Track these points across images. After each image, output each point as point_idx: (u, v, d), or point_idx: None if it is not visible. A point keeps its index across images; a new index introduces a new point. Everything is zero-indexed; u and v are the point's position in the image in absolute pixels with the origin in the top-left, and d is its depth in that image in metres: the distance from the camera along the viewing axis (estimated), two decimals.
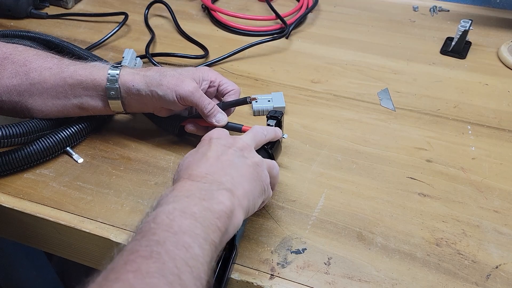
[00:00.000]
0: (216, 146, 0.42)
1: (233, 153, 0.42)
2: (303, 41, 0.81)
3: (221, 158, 0.41)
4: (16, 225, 0.53)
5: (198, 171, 0.40)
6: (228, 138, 0.44)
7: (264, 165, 0.44)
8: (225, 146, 0.43)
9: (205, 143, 0.44)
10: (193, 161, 0.41)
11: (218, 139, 0.44)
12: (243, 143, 0.44)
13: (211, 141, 0.43)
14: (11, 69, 0.52)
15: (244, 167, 0.41)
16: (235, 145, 0.43)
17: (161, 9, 0.88)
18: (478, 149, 0.59)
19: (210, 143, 0.43)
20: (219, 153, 0.42)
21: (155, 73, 0.52)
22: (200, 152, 0.42)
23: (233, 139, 0.44)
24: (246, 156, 0.43)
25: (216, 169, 0.40)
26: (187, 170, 0.41)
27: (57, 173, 0.54)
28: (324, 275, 0.44)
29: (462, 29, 0.74)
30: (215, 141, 0.43)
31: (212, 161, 0.41)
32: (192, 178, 0.39)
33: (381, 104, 0.67)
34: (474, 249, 0.47)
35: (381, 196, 0.52)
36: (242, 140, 0.44)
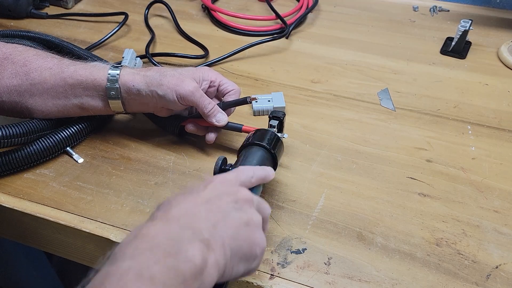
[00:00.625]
0: (213, 189, 0.37)
1: (229, 202, 0.36)
2: (303, 41, 0.81)
3: (211, 202, 0.36)
4: (16, 225, 0.53)
5: (177, 209, 0.34)
6: (231, 187, 0.38)
7: (261, 229, 0.37)
8: (224, 193, 0.37)
9: (203, 183, 0.38)
10: (179, 197, 0.36)
11: (221, 183, 0.38)
12: (247, 196, 0.38)
13: (210, 183, 0.38)
14: (11, 70, 0.52)
15: (234, 220, 0.35)
16: (235, 195, 0.37)
17: (161, 9, 0.88)
18: (478, 149, 0.59)
19: (208, 184, 0.38)
20: (212, 196, 0.36)
21: (155, 73, 0.52)
22: (193, 189, 0.37)
23: (237, 189, 0.38)
24: (244, 210, 0.37)
25: (199, 212, 0.35)
26: (167, 206, 0.35)
27: (57, 173, 0.54)
28: (324, 275, 0.44)
29: (462, 29, 0.74)
30: (215, 184, 0.38)
31: (199, 201, 0.35)
32: (166, 219, 0.34)
33: (381, 104, 0.67)
34: (474, 249, 0.47)
35: (381, 196, 0.52)
36: (246, 193, 0.38)
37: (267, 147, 0.48)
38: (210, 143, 0.56)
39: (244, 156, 0.48)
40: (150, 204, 0.51)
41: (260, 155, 0.47)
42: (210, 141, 0.56)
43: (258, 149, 0.48)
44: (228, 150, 0.58)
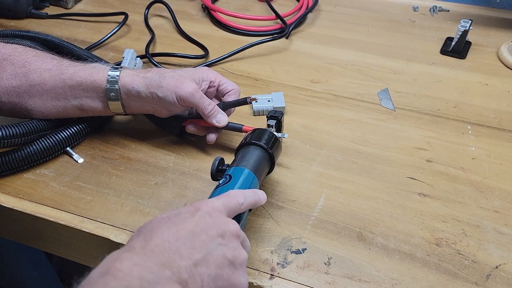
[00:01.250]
0: (200, 220, 0.35)
1: (215, 236, 0.34)
2: (303, 41, 0.81)
3: (196, 236, 0.33)
4: (16, 225, 0.53)
5: (158, 240, 0.32)
6: (219, 218, 0.36)
7: (244, 269, 0.36)
8: (210, 226, 0.35)
9: (191, 210, 0.36)
10: (162, 225, 0.34)
11: (208, 214, 0.36)
12: (234, 231, 0.36)
13: (198, 212, 0.35)
14: (11, 71, 0.52)
15: (218, 259, 0.34)
16: (222, 229, 0.35)
17: (161, 9, 0.88)
18: (478, 149, 0.59)
19: (195, 213, 0.35)
20: (197, 230, 0.34)
21: (155, 74, 0.52)
22: (178, 218, 0.35)
23: (225, 221, 0.36)
24: (229, 246, 0.35)
25: (181, 247, 0.32)
26: (148, 233, 0.33)
27: (57, 173, 0.54)
28: (324, 275, 0.44)
29: (462, 29, 0.74)
30: (202, 215, 0.35)
31: (182, 233, 0.33)
32: (143, 251, 0.31)
33: (381, 104, 0.67)
34: (474, 249, 0.47)
35: (381, 196, 0.52)
36: (234, 227, 0.36)
37: (264, 147, 0.48)
38: (211, 143, 0.56)
39: (241, 155, 0.48)
40: (150, 204, 0.51)
41: (257, 155, 0.47)
42: (211, 141, 0.56)
43: (255, 149, 0.48)
44: (228, 150, 0.58)
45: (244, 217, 0.43)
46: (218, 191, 0.43)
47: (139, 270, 0.30)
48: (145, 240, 0.32)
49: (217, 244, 0.34)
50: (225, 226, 0.35)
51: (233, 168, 0.45)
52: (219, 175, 0.47)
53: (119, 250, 0.32)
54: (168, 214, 0.36)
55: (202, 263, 0.33)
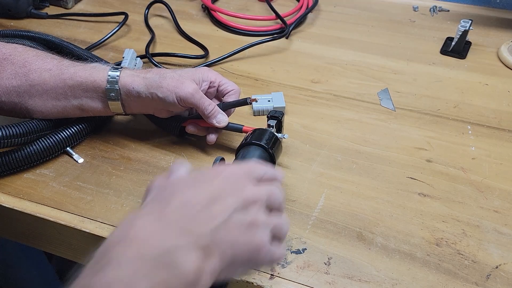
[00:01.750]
0: (221, 184, 0.34)
1: (235, 202, 0.33)
2: (303, 41, 0.81)
3: (216, 201, 0.32)
4: (16, 225, 0.53)
5: (177, 203, 0.31)
6: (240, 183, 0.34)
7: (266, 231, 0.34)
8: (231, 191, 0.33)
9: (212, 172, 0.35)
10: (182, 185, 0.33)
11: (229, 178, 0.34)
12: (255, 195, 0.34)
13: (219, 176, 0.34)
14: (11, 70, 0.52)
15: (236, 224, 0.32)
16: (243, 194, 0.34)
17: (161, 9, 0.88)
18: (478, 149, 0.59)
19: (216, 177, 0.34)
20: (217, 194, 0.33)
21: (155, 75, 0.52)
22: (199, 180, 0.34)
23: (246, 186, 0.34)
24: (249, 212, 0.33)
25: (200, 212, 0.31)
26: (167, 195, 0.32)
27: (57, 173, 0.54)
28: (324, 275, 0.44)
29: (462, 29, 0.74)
30: (223, 179, 0.34)
31: (202, 198, 0.32)
32: (160, 216, 0.30)
33: (381, 104, 0.67)
34: (474, 249, 0.47)
35: (381, 196, 0.52)
36: (254, 192, 0.34)
37: (265, 147, 0.48)
38: (211, 143, 0.56)
39: (241, 155, 0.48)
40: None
41: (258, 155, 0.47)
42: (211, 142, 0.56)
43: (256, 149, 0.48)
44: (228, 150, 0.58)
45: None
46: None
47: (157, 237, 0.29)
48: (164, 202, 0.31)
49: (236, 210, 0.33)
50: (244, 191, 0.34)
51: None
52: None
53: (134, 214, 0.31)
54: (187, 175, 0.35)
55: (222, 229, 0.31)
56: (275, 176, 0.38)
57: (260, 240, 0.33)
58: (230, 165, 0.37)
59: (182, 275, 0.28)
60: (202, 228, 0.31)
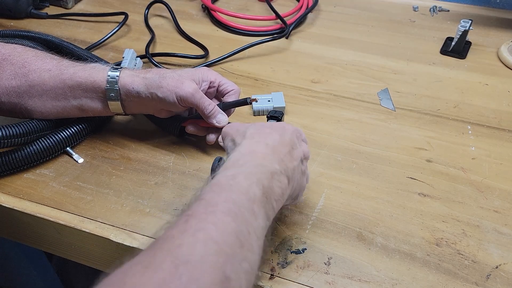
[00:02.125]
0: (291, 136, 0.43)
1: (299, 152, 0.43)
2: (303, 41, 0.81)
3: (291, 147, 0.42)
4: (16, 225, 0.53)
5: (272, 139, 0.41)
6: (300, 140, 0.45)
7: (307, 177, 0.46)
8: (296, 143, 0.43)
9: (278, 127, 0.44)
10: (267, 130, 0.42)
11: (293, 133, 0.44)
12: (307, 153, 0.45)
13: (288, 130, 0.44)
14: (10, 71, 0.52)
15: (299, 169, 0.43)
16: (301, 149, 0.44)
17: (161, 9, 0.88)
18: (478, 149, 0.59)
19: (286, 130, 0.43)
20: (290, 142, 0.42)
21: (155, 75, 0.52)
22: (277, 128, 0.43)
23: (302, 143, 0.45)
24: (304, 163, 0.44)
25: (285, 151, 0.41)
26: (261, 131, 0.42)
27: (57, 173, 0.54)
28: (324, 275, 0.44)
29: (462, 29, 0.74)
30: (292, 133, 0.44)
31: (283, 140, 0.42)
32: (265, 143, 0.40)
33: (381, 104, 0.67)
34: (474, 249, 0.47)
35: (381, 196, 0.52)
36: (307, 150, 0.45)
37: None
38: (211, 143, 0.56)
39: None
40: (150, 204, 0.51)
41: None
42: (211, 142, 0.56)
43: None
44: None
45: None
46: None
47: (269, 158, 0.39)
48: (266, 139, 0.41)
49: (299, 158, 0.43)
50: (302, 147, 0.44)
51: None
52: None
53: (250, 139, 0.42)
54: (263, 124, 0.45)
55: (296, 169, 0.42)
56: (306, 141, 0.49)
57: (305, 185, 0.45)
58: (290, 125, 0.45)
59: (281, 188, 0.39)
60: (289, 164, 0.41)
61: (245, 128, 0.44)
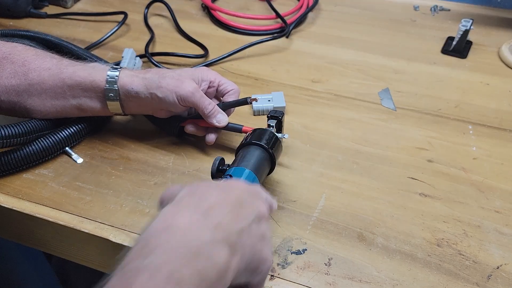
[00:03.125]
0: (243, 194, 0.36)
1: (253, 213, 0.36)
2: (304, 41, 0.80)
3: (241, 207, 0.35)
4: (15, 226, 0.53)
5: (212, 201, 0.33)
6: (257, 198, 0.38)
7: (271, 247, 0.38)
8: (250, 202, 0.36)
9: (231, 183, 0.38)
10: (212, 189, 0.35)
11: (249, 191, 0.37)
12: (265, 212, 0.37)
13: (239, 187, 0.37)
14: (10, 69, 0.52)
15: (254, 232, 0.35)
16: (258, 208, 0.37)
17: (161, 9, 0.87)
18: (479, 149, 0.59)
19: (237, 187, 0.37)
20: (242, 201, 0.35)
21: (154, 75, 0.52)
22: (225, 186, 0.37)
23: (261, 202, 0.38)
24: (261, 225, 0.36)
25: (230, 213, 0.33)
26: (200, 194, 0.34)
27: (56, 173, 0.54)
28: (325, 276, 0.44)
29: (463, 28, 0.74)
30: (244, 190, 0.37)
31: (232, 200, 0.34)
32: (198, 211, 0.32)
33: (382, 104, 0.66)
34: (475, 249, 0.47)
35: (382, 196, 0.52)
36: (265, 209, 0.38)
37: (265, 147, 0.48)
38: (211, 144, 0.56)
39: (241, 155, 0.47)
40: (150, 204, 0.51)
41: (258, 155, 0.47)
42: (211, 142, 0.56)
43: (255, 149, 0.48)
44: (228, 150, 0.58)
45: None
46: None
47: (198, 229, 0.31)
48: (200, 199, 0.34)
49: (253, 220, 0.35)
50: (260, 206, 0.37)
51: (234, 168, 0.45)
52: (219, 175, 0.47)
53: (173, 206, 0.33)
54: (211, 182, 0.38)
55: (246, 232, 0.34)
56: (272, 205, 0.40)
57: (268, 254, 0.36)
58: (245, 181, 0.40)
59: (216, 266, 0.30)
60: (232, 227, 0.33)
61: (179, 190, 0.36)
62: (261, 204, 0.37)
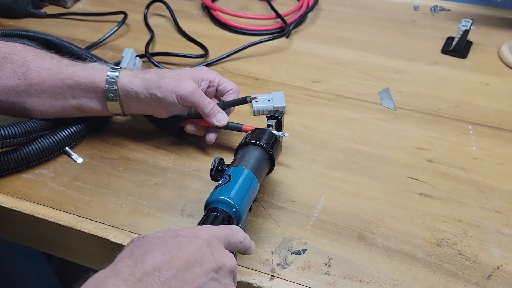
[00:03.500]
0: (197, 250, 0.33)
1: (209, 271, 0.33)
2: (304, 41, 0.80)
3: (190, 269, 0.32)
4: (15, 226, 0.53)
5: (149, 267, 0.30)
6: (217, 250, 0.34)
7: None
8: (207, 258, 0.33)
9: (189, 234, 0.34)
10: (156, 248, 0.32)
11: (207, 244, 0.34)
12: (230, 266, 0.35)
13: (196, 240, 0.34)
14: (10, 69, 0.52)
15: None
16: (218, 262, 0.34)
17: (161, 8, 0.87)
18: (480, 149, 0.59)
19: (193, 241, 0.34)
20: (193, 261, 0.32)
21: (154, 75, 0.52)
22: (174, 243, 0.33)
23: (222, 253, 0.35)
24: (222, 281, 0.34)
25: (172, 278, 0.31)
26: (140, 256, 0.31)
27: (56, 173, 0.54)
28: (325, 276, 0.44)
29: (463, 28, 0.74)
30: (201, 243, 0.34)
31: (176, 264, 0.31)
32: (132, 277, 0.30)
33: (382, 104, 0.66)
34: (475, 249, 0.47)
35: (382, 196, 0.52)
36: (231, 262, 0.35)
37: (264, 147, 0.48)
38: (211, 143, 0.56)
39: (241, 155, 0.47)
40: (149, 205, 0.51)
41: (257, 155, 0.47)
42: (211, 141, 0.56)
43: (255, 149, 0.48)
44: (227, 149, 0.58)
45: (244, 217, 0.43)
46: (217, 191, 0.43)
47: None
48: (136, 264, 0.31)
49: (210, 279, 0.33)
50: (221, 260, 0.34)
51: (233, 168, 0.45)
52: (218, 175, 0.47)
53: (105, 271, 0.31)
54: (164, 235, 0.34)
55: None
56: (250, 246, 0.39)
57: None
58: (209, 227, 0.36)
59: None
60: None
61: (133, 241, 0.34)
62: (223, 257, 0.34)
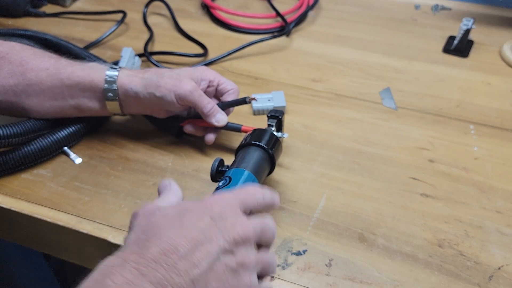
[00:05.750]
0: (207, 226, 0.31)
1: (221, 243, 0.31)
2: (304, 40, 0.80)
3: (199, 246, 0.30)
4: (14, 226, 0.53)
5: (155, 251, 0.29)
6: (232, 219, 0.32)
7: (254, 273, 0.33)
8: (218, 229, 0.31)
9: (200, 208, 0.32)
10: (164, 226, 0.31)
11: (219, 217, 0.32)
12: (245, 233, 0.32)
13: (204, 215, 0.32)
14: (8, 69, 0.51)
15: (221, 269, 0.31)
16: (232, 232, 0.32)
17: (160, 7, 0.87)
18: (481, 149, 0.58)
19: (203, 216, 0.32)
20: (202, 238, 0.31)
21: (153, 75, 0.52)
22: (183, 219, 0.31)
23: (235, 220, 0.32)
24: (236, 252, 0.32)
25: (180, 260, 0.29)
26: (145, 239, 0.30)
27: (55, 174, 0.54)
28: (325, 277, 0.44)
29: (464, 27, 0.74)
30: (212, 217, 0.32)
31: (184, 243, 0.30)
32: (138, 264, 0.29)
33: (383, 103, 0.66)
34: (477, 250, 0.46)
35: (383, 196, 0.52)
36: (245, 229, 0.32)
37: (264, 147, 0.47)
38: (210, 144, 0.56)
39: (241, 156, 0.47)
40: None
41: (257, 156, 0.47)
42: (210, 142, 0.55)
43: (255, 149, 0.47)
44: (227, 150, 0.58)
45: None
46: None
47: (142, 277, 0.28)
48: (144, 246, 0.30)
49: (222, 252, 0.31)
50: (234, 228, 0.32)
51: (233, 169, 0.45)
52: (218, 177, 0.46)
53: (113, 259, 0.30)
54: (172, 212, 0.32)
55: (201, 279, 0.30)
56: (272, 201, 0.36)
57: (248, 283, 0.32)
58: (222, 196, 0.34)
59: None
60: (181, 278, 0.29)
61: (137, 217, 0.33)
62: (238, 225, 0.32)
